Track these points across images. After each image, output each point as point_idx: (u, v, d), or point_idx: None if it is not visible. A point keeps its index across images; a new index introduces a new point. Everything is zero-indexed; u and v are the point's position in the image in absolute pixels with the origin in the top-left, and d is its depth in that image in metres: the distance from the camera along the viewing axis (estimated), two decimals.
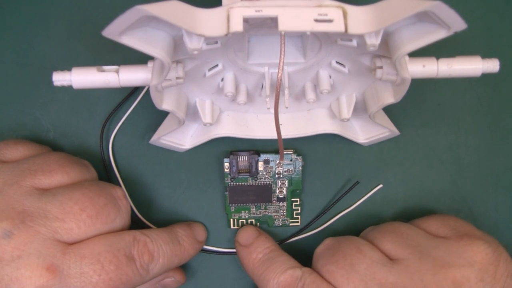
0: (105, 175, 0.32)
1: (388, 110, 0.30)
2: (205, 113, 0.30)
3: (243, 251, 0.30)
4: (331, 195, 0.32)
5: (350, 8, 0.22)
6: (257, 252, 0.29)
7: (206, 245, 0.32)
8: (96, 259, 0.24)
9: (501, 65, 0.26)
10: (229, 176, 0.31)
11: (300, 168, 0.32)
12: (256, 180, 0.32)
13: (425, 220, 0.29)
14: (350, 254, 0.26)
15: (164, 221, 0.32)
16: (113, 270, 0.24)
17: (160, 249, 0.27)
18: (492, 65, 0.26)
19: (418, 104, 0.33)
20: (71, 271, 0.24)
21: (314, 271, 0.27)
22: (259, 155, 0.32)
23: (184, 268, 0.32)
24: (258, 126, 0.31)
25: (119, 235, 0.26)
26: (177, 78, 0.26)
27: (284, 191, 0.32)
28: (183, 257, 0.29)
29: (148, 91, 0.30)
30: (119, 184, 0.32)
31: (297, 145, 0.32)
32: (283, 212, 0.32)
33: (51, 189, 0.26)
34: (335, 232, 0.32)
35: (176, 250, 0.28)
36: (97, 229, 0.25)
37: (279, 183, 0.32)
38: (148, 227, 0.32)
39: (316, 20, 0.22)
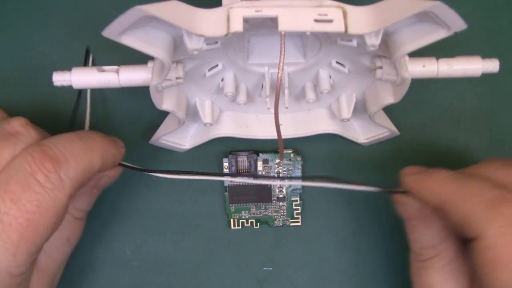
0: None
1: (388, 110, 0.30)
2: (205, 113, 0.30)
3: (418, 177, 0.25)
4: (331, 194, 0.32)
5: (350, 8, 0.22)
6: (439, 172, 0.25)
7: (205, 246, 0.32)
8: None
9: (501, 65, 0.26)
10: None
11: (300, 167, 0.32)
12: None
13: None
14: None
15: (163, 221, 0.32)
16: (10, 207, 0.21)
17: (65, 150, 0.23)
18: (492, 65, 0.26)
19: (418, 104, 0.33)
20: None
21: None
22: (258, 155, 0.32)
23: (183, 267, 0.32)
24: (258, 126, 0.31)
25: (6, 166, 0.22)
26: (177, 78, 0.26)
27: (284, 190, 0.32)
28: (104, 151, 0.25)
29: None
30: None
31: (297, 145, 0.32)
32: (283, 212, 0.32)
33: None
34: (334, 229, 0.32)
35: (90, 145, 0.24)
36: None
37: (279, 183, 0.32)
38: None
39: (316, 20, 0.22)
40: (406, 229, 0.28)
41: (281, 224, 0.32)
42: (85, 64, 0.28)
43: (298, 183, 0.32)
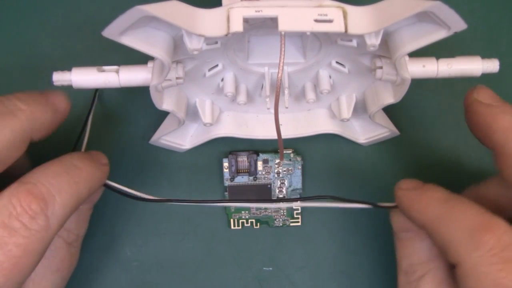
0: None
1: (388, 110, 0.30)
2: (205, 113, 0.30)
3: (410, 193, 0.25)
4: (331, 194, 0.32)
5: (350, 8, 0.22)
6: (433, 191, 0.24)
7: (205, 246, 0.32)
8: None
9: (501, 65, 0.26)
10: (228, 176, 0.31)
11: (300, 167, 0.32)
12: (255, 180, 0.32)
13: None
14: None
15: (163, 221, 0.32)
16: None
17: (51, 186, 0.22)
18: (492, 65, 0.26)
19: (418, 104, 0.33)
20: None
21: None
22: (258, 155, 0.32)
23: (183, 267, 0.32)
24: (258, 126, 0.31)
25: None
26: (177, 78, 0.26)
27: (284, 191, 0.32)
28: (90, 180, 0.24)
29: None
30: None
31: (297, 145, 0.32)
32: (283, 212, 0.32)
33: None
34: (334, 229, 0.32)
35: (75, 177, 0.23)
36: None
37: (279, 183, 0.32)
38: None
39: (316, 20, 0.22)
40: (396, 245, 0.27)
41: (281, 224, 0.32)
42: None
43: (298, 204, 0.32)
